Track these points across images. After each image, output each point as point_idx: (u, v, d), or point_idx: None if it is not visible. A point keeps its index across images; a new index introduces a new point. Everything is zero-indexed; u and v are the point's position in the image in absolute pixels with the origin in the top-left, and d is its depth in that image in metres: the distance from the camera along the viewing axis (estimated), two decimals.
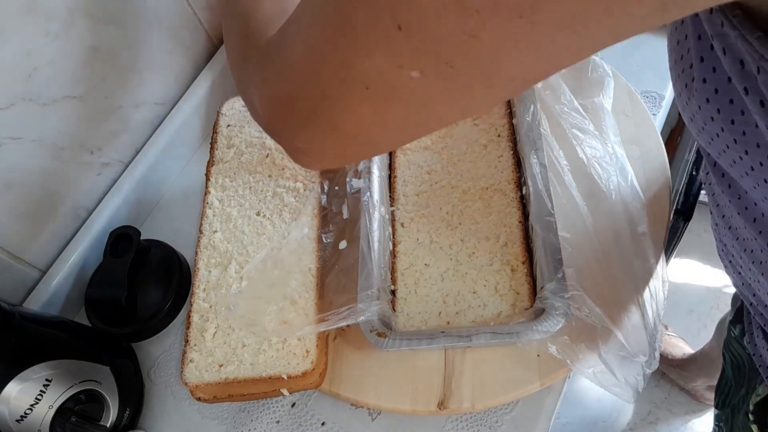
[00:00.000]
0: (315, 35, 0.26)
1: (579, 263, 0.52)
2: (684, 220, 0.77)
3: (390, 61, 0.24)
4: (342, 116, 0.28)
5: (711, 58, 0.28)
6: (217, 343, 0.52)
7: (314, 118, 0.29)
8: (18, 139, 0.53)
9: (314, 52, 0.27)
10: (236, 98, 0.66)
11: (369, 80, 0.25)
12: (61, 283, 0.60)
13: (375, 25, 0.23)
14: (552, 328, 0.47)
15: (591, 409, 1.28)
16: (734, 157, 0.31)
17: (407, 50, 0.23)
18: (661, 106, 0.66)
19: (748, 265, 0.39)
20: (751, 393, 0.49)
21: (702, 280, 1.42)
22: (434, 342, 0.49)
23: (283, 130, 0.33)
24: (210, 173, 0.62)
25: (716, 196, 0.40)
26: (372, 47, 0.24)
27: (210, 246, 0.57)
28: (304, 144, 0.32)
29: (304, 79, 0.28)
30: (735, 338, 0.53)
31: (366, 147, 0.32)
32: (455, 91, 0.25)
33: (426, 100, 0.26)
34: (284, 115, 0.31)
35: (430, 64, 0.23)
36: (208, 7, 0.69)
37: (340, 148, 0.31)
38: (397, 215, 0.59)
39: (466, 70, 0.24)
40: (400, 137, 0.31)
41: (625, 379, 0.48)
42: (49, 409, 0.47)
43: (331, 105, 0.28)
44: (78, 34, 0.55)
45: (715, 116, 0.30)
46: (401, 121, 0.28)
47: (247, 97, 0.36)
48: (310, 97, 0.28)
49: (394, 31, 0.23)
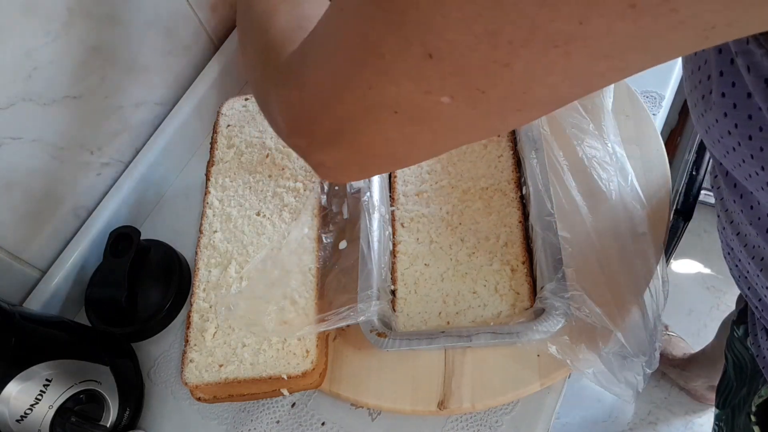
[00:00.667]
0: (340, 60, 0.26)
1: (579, 263, 0.52)
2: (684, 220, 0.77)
3: (419, 88, 0.24)
4: (368, 139, 0.28)
5: (731, 73, 0.28)
6: (217, 343, 0.52)
7: (338, 139, 0.29)
8: (18, 139, 0.53)
9: (339, 77, 0.26)
10: (236, 98, 0.66)
11: (397, 105, 0.25)
12: (61, 283, 0.60)
13: (404, 53, 0.23)
14: (552, 328, 0.47)
15: (591, 409, 1.28)
16: (750, 171, 0.31)
17: (437, 78, 0.23)
18: (661, 106, 0.66)
19: (755, 271, 0.39)
20: (754, 394, 0.49)
21: (702, 280, 1.42)
22: (434, 342, 0.49)
23: (307, 147, 0.32)
24: (210, 173, 0.62)
25: (725, 202, 0.40)
26: (401, 75, 0.24)
27: (210, 246, 0.57)
28: (328, 161, 0.32)
29: (328, 102, 0.28)
30: (738, 339, 0.53)
31: (390, 164, 0.32)
32: (485, 115, 0.25)
33: (455, 123, 0.26)
34: (307, 134, 0.31)
35: (460, 91, 0.23)
36: (209, 7, 0.69)
37: (364, 164, 0.31)
38: (397, 215, 0.59)
39: (498, 97, 0.23)
40: (425, 155, 0.31)
41: (625, 379, 0.48)
42: (49, 409, 0.47)
43: (357, 128, 0.27)
44: (78, 34, 0.55)
45: (732, 131, 0.30)
46: (429, 142, 0.28)
47: (268, 111, 0.36)
48: (335, 119, 0.28)
49: (424, 60, 0.22)
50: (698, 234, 1.40)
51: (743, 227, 0.39)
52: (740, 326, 0.52)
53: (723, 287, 1.40)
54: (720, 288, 1.40)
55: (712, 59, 0.30)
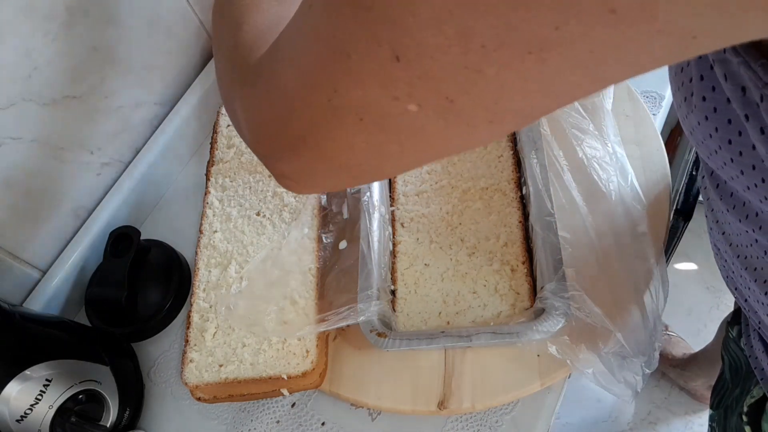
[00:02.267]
0: (307, 59, 0.25)
1: (579, 263, 0.52)
2: (684, 220, 0.77)
3: (386, 93, 0.22)
4: (333, 146, 0.26)
5: (711, 78, 0.28)
6: (217, 343, 0.52)
7: (303, 146, 0.28)
8: (18, 139, 0.53)
9: (306, 78, 0.25)
10: None
11: (363, 111, 0.24)
12: (61, 283, 0.60)
13: (371, 54, 0.22)
14: (552, 328, 0.47)
15: (591, 409, 1.28)
16: (732, 174, 0.31)
17: (405, 83, 0.22)
18: (661, 106, 0.66)
19: (740, 271, 0.39)
20: (746, 394, 0.49)
21: (702, 280, 1.42)
22: (434, 342, 0.49)
23: (270, 154, 0.31)
24: (210, 173, 0.62)
25: (711, 202, 0.40)
26: (368, 77, 0.22)
27: (210, 246, 0.57)
28: (291, 171, 0.30)
29: (294, 104, 0.26)
30: (732, 339, 0.53)
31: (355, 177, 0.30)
32: (455, 126, 0.23)
33: (423, 134, 0.24)
34: (271, 140, 0.30)
35: (429, 98, 0.22)
36: (209, 7, 0.69)
37: (329, 177, 0.30)
38: (397, 215, 0.59)
39: (468, 106, 0.22)
40: (393, 169, 0.30)
41: (625, 379, 0.48)
42: (49, 409, 0.47)
43: (321, 133, 0.26)
44: (78, 34, 0.55)
45: (713, 134, 0.29)
46: (396, 153, 0.26)
47: (233, 115, 0.34)
48: (299, 123, 0.27)
49: (392, 62, 0.21)
50: (698, 234, 1.40)
51: (728, 227, 0.39)
52: (734, 327, 0.52)
53: (723, 287, 1.39)
54: (720, 288, 1.40)
55: (693, 63, 0.29)
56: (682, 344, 1.28)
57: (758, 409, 0.47)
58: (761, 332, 0.43)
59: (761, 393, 0.47)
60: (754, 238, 0.35)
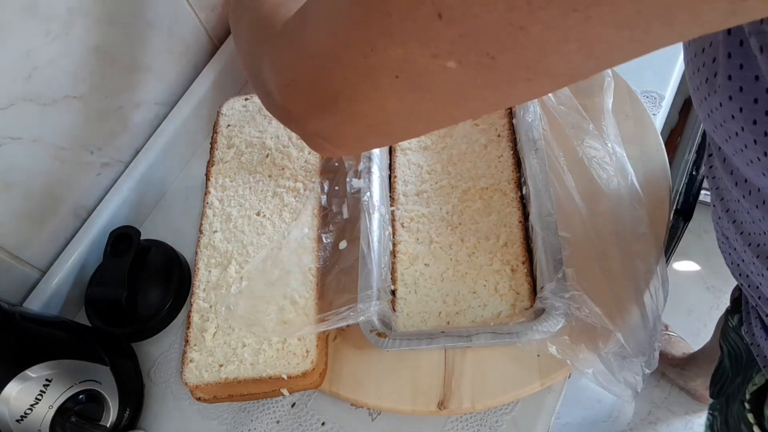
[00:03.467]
0: (342, 18, 0.25)
1: (579, 263, 0.52)
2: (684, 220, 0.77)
3: (426, 50, 0.22)
4: (366, 105, 0.27)
5: (739, 55, 0.27)
6: (217, 343, 0.52)
7: (335, 105, 0.28)
8: (18, 139, 0.53)
9: (340, 37, 0.25)
10: (236, 98, 0.66)
11: (400, 70, 0.24)
12: (61, 283, 0.60)
13: (413, 12, 0.21)
14: (552, 328, 0.47)
15: (591, 409, 1.28)
16: (752, 157, 0.30)
17: (446, 40, 0.22)
18: (661, 106, 0.66)
19: (751, 258, 0.39)
20: (748, 382, 0.49)
21: (702, 280, 1.43)
22: (434, 342, 0.49)
23: (301, 115, 0.31)
24: (210, 173, 0.62)
25: (721, 191, 0.40)
26: (408, 36, 0.22)
27: (210, 246, 0.57)
28: (322, 129, 0.30)
29: (327, 63, 0.26)
30: (732, 328, 0.53)
31: (387, 136, 0.30)
32: (492, 84, 0.23)
33: (459, 92, 0.24)
34: (303, 100, 0.29)
35: (469, 55, 0.22)
36: (209, 7, 0.69)
37: (361, 135, 0.30)
38: (397, 215, 0.59)
39: (509, 63, 0.22)
40: (425, 127, 0.29)
41: (625, 379, 0.48)
42: (49, 409, 0.47)
43: (355, 92, 0.26)
44: (78, 34, 0.55)
45: (736, 115, 0.29)
46: (429, 111, 0.26)
47: (260, 81, 0.34)
48: (332, 82, 0.27)
49: (434, 20, 0.21)
50: (698, 234, 1.40)
51: (740, 214, 0.39)
52: (734, 316, 0.52)
53: (723, 287, 1.40)
54: (720, 288, 1.40)
55: (720, 41, 0.29)
56: (681, 344, 1.28)
57: (760, 396, 0.47)
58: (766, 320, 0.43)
59: (763, 380, 0.47)
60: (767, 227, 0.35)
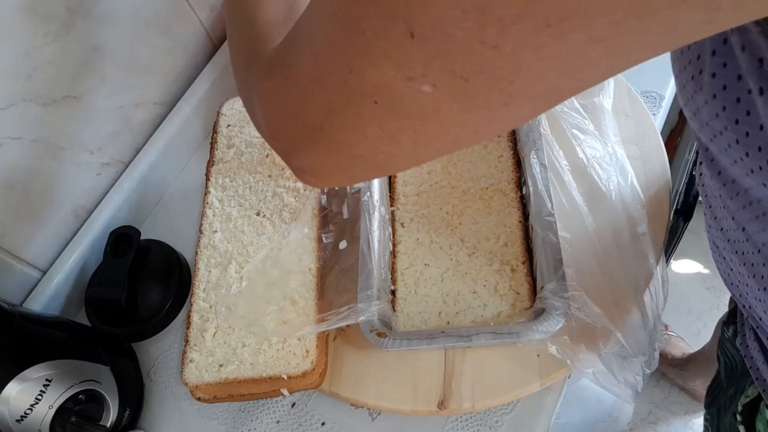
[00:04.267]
0: (322, 42, 0.25)
1: (579, 263, 0.52)
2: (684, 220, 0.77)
3: (400, 72, 0.22)
4: (348, 134, 0.26)
5: (723, 53, 0.27)
6: (217, 343, 0.52)
7: (319, 136, 0.27)
8: (18, 139, 0.53)
9: (320, 61, 0.25)
10: (236, 98, 0.66)
11: (378, 93, 0.23)
12: (61, 283, 0.60)
13: (386, 31, 0.21)
14: (552, 328, 0.47)
15: (591, 409, 1.28)
16: (735, 157, 0.30)
17: (419, 61, 0.21)
18: (661, 106, 0.66)
19: (738, 267, 0.39)
20: (740, 394, 0.48)
21: (702, 280, 1.43)
22: (434, 342, 0.49)
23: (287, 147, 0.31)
24: (210, 173, 0.62)
25: (709, 198, 0.40)
26: (382, 56, 0.22)
27: (210, 246, 0.57)
28: (308, 163, 0.30)
29: (309, 91, 0.26)
30: (728, 339, 0.53)
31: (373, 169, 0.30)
32: (470, 109, 0.23)
33: (437, 118, 0.24)
34: (288, 132, 0.29)
35: (443, 78, 0.21)
36: (209, 7, 0.69)
37: (346, 168, 0.29)
38: (397, 215, 0.59)
39: (483, 86, 0.21)
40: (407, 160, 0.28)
41: (625, 379, 0.48)
42: (49, 409, 0.47)
43: (337, 121, 0.26)
44: (78, 34, 0.55)
45: (720, 113, 0.29)
46: (411, 142, 0.26)
47: (250, 108, 0.34)
48: (316, 111, 0.26)
49: (406, 39, 0.21)
50: (698, 234, 1.40)
51: (725, 222, 0.38)
52: (730, 327, 0.52)
53: (723, 287, 1.39)
54: (720, 288, 1.40)
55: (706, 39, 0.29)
56: (681, 344, 1.28)
57: (753, 409, 0.47)
58: (758, 331, 0.43)
59: (756, 393, 0.46)
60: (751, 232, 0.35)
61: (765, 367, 0.43)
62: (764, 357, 0.43)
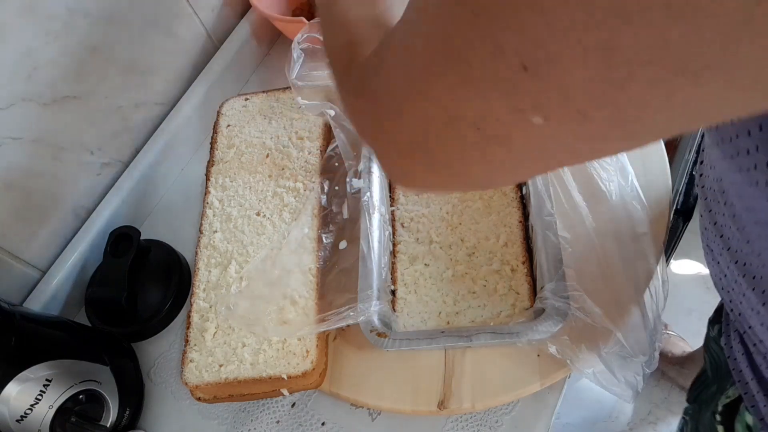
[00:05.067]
0: (418, 67, 0.23)
1: (579, 263, 0.52)
2: (684, 220, 0.77)
3: (509, 103, 0.20)
4: (447, 156, 0.25)
5: None
6: (217, 343, 0.52)
7: (414, 153, 0.26)
8: (18, 139, 0.53)
9: (416, 86, 0.24)
10: (236, 98, 0.66)
11: (480, 122, 0.22)
12: (61, 283, 0.60)
13: (495, 62, 0.20)
14: (552, 328, 0.47)
15: (591, 409, 1.28)
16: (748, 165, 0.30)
17: (531, 94, 0.20)
18: None
19: (734, 276, 0.39)
20: (722, 393, 0.48)
21: (702, 280, 1.42)
22: (434, 342, 0.49)
23: (383, 155, 0.30)
24: (210, 173, 0.62)
25: (710, 202, 0.39)
26: (488, 87, 0.20)
27: (210, 246, 0.57)
28: (403, 172, 0.29)
29: (403, 112, 0.25)
30: (713, 338, 0.52)
31: (468, 184, 0.29)
32: (584, 141, 0.21)
33: (545, 147, 0.22)
34: (384, 142, 0.29)
35: (557, 112, 0.20)
36: (209, 7, 0.69)
37: (441, 182, 0.29)
38: (397, 215, 0.59)
39: (602, 122, 0.20)
40: (506, 179, 0.28)
41: (625, 379, 0.48)
42: (49, 409, 0.47)
43: (435, 142, 0.25)
44: (78, 34, 0.55)
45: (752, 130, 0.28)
46: (512, 165, 0.24)
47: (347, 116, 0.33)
48: (411, 130, 0.25)
49: (518, 72, 0.19)
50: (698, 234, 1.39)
51: (726, 230, 0.38)
52: (715, 326, 0.51)
53: None
54: None
55: None
56: (681, 343, 1.28)
57: (732, 410, 0.47)
58: (744, 336, 0.42)
59: (737, 394, 0.46)
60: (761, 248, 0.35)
61: (748, 370, 0.42)
62: (748, 360, 0.42)
